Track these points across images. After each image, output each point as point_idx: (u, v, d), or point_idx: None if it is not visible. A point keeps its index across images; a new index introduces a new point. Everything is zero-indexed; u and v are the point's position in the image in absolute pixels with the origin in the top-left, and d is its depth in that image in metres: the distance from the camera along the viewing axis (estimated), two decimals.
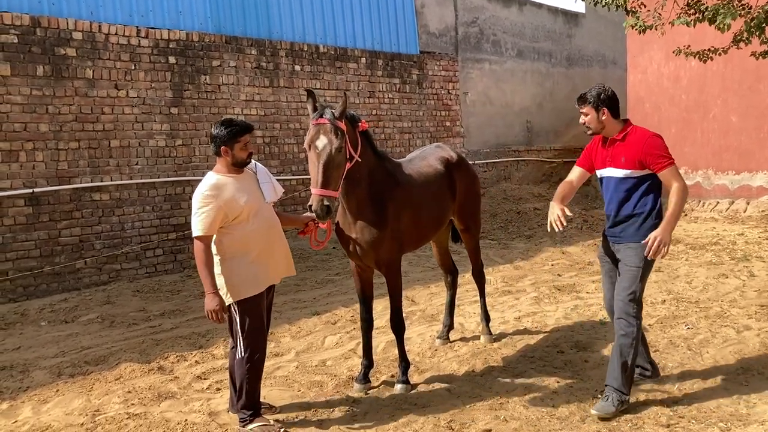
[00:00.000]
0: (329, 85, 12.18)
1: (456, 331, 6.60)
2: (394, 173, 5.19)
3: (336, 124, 4.49)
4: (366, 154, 4.92)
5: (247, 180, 4.55)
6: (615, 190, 4.65)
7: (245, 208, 4.41)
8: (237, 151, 4.42)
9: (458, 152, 6.13)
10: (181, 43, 10.11)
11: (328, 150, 4.43)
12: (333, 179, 4.45)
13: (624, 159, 4.58)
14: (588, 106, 4.64)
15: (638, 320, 4.59)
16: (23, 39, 8.56)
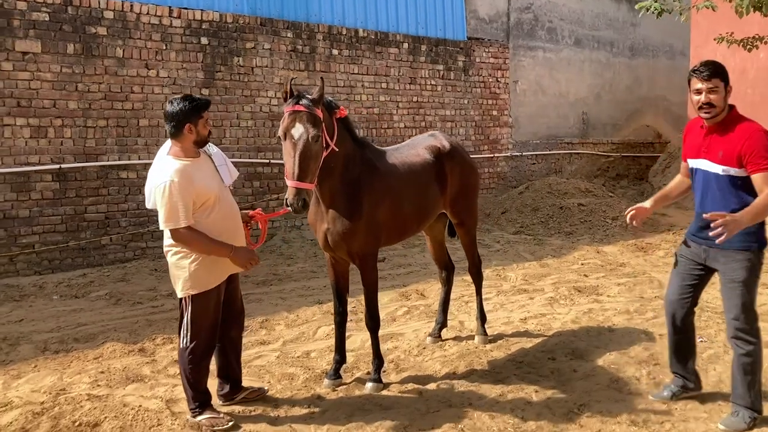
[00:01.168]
0: (368, 70, 11.96)
1: (453, 329, 6.32)
2: (374, 162, 4.94)
3: (313, 111, 4.27)
4: (344, 142, 4.69)
5: (206, 164, 4.38)
6: (710, 187, 4.08)
7: (211, 194, 4.25)
8: (200, 128, 4.24)
9: (454, 141, 5.80)
10: (214, 24, 10.09)
11: (305, 139, 4.22)
12: (310, 170, 4.24)
13: (722, 153, 3.98)
14: (717, 79, 3.92)
15: (756, 336, 4.12)
16: (54, 17, 8.70)
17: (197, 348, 4.30)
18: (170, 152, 4.27)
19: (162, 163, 4.21)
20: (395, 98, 12.38)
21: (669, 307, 4.50)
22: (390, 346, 5.90)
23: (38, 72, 8.63)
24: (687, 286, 4.37)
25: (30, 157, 8.65)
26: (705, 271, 4.34)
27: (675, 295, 4.44)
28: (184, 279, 4.24)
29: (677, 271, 4.43)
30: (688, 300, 4.41)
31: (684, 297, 4.40)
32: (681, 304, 4.42)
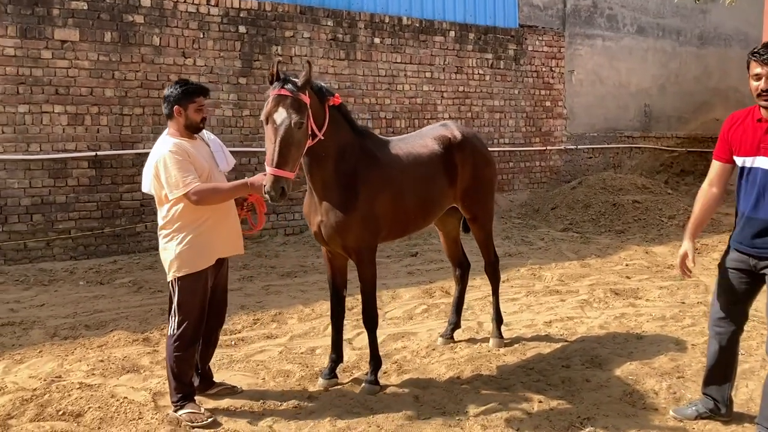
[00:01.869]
0: (411, 59, 11.66)
1: (469, 331, 6.02)
2: (374, 152, 4.69)
3: (298, 96, 4.05)
4: (339, 130, 4.46)
5: (202, 147, 4.35)
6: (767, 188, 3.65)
7: (204, 171, 4.19)
8: (191, 113, 4.22)
9: (467, 132, 5.45)
10: (253, 12, 10.00)
11: (287, 125, 4.00)
12: (291, 158, 4.01)
13: None
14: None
15: None
16: (92, 5, 8.78)
17: (183, 335, 4.20)
18: (167, 133, 4.29)
19: (158, 143, 4.24)
20: (440, 88, 12.04)
21: (714, 326, 4.06)
22: (398, 346, 5.65)
23: (76, 60, 8.73)
24: (734, 301, 3.93)
25: (67, 144, 8.77)
26: (754, 281, 3.88)
27: (721, 312, 4.00)
28: (171, 260, 4.18)
29: (722, 284, 3.97)
30: (736, 317, 3.97)
31: (731, 314, 3.96)
32: (728, 321, 3.99)
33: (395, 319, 6.44)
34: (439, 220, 5.64)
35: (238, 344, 5.72)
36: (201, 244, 4.18)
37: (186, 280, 4.18)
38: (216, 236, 4.27)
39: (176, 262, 4.18)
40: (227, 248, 4.40)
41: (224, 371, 5.05)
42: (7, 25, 8.23)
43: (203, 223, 4.18)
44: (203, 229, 4.18)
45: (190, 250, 4.15)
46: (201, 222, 4.18)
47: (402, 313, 6.62)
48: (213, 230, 4.23)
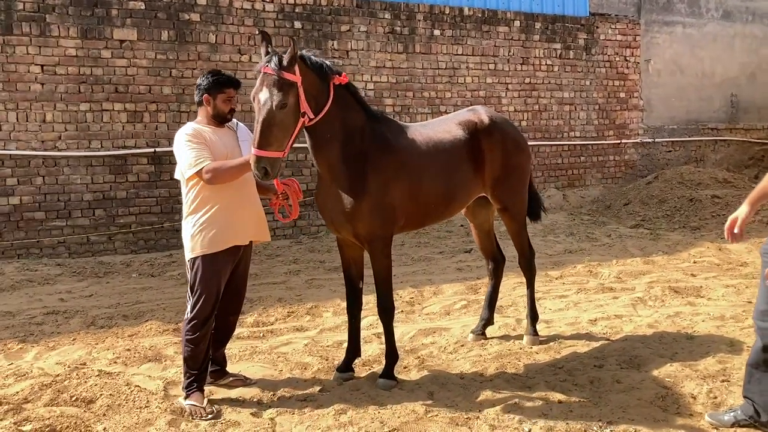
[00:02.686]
0: (473, 51, 11.36)
1: (506, 327, 5.74)
2: (388, 137, 4.50)
3: (282, 75, 3.92)
4: (347, 111, 4.30)
5: (227, 135, 4.37)
6: None
7: (220, 157, 4.19)
8: (219, 102, 4.28)
9: (496, 116, 5.16)
10: (308, 7, 10.00)
11: (269, 106, 3.90)
12: (275, 139, 3.91)
13: None
14: None
15: None
16: (150, 5, 9.01)
17: (196, 317, 4.22)
18: (195, 120, 4.38)
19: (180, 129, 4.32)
20: (504, 80, 11.68)
21: (758, 320, 3.68)
22: (427, 341, 5.43)
23: (134, 59, 8.98)
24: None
25: (127, 141, 9.03)
26: None
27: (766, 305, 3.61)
28: (191, 238, 4.23)
29: None
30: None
31: None
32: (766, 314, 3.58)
33: (431, 315, 6.23)
34: (468, 211, 5.40)
35: (265, 336, 5.66)
36: (217, 226, 4.20)
37: (201, 261, 4.21)
38: (233, 221, 4.25)
39: (191, 242, 4.24)
40: (246, 234, 4.37)
41: (244, 362, 5.00)
42: (68, 27, 8.56)
43: (220, 205, 4.20)
44: (218, 211, 4.20)
45: (206, 232, 4.19)
46: (218, 204, 4.20)
47: (440, 308, 6.39)
48: (230, 214, 4.22)
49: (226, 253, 4.27)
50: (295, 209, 4.44)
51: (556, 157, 12.33)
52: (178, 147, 4.21)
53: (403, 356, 5.05)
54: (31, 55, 8.42)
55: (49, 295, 6.92)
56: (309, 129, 4.21)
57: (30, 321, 6.04)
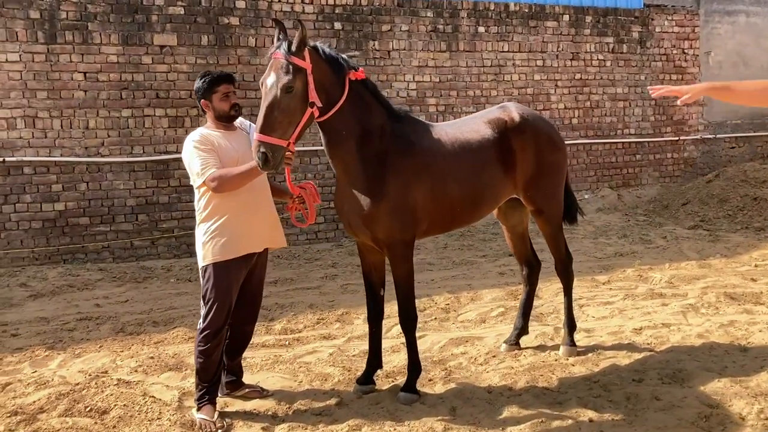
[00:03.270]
0: (520, 47, 10.99)
1: (543, 336, 5.43)
2: (410, 137, 4.28)
3: (291, 59, 3.77)
4: (365, 109, 4.13)
5: (238, 137, 4.24)
6: None
7: (230, 161, 4.07)
8: (216, 103, 4.16)
9: (528, 113, 4.85)
10: (348, 8, 9.85)
11: (275, 90, 3.77)
12: (278, 124, 3.76)
13: None
14: None
15: None
16: (189, 10, 9.02)
17: (208, 327, 4.11)
18: (203, 126, 4.28)
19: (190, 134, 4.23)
20: (553, 77, 11.26)
21: None
22: (457, 351, 5.18)
23: (175, 64, 9.00)
24: None
25: (168, 146, 9.06)
26: None
27: None
28: (203, 245, 4.14)
29: None
30: None
31: None
32: None
33: (465, 322, 5.96)
34: (501, 213, 5.12)
35: (291, 344, 5.51)
36: (229, 234, 4.09)
37: (212, 269, 4.10)
38: (246, 228, 4.13)
39: (203, 249, 4.14)
40: (260, 241, 4.24)
41: (265, 372, 4.86)
42: (110, 34, 8.64)
43: (231, 213, 4.09)
44: (230, 218, 4.09)
45: (218, 239, 4.08)
46: (229, 212, 4.09)
47: (475, 315, 6.12)
48: (243, 221, 4.11)
49: (239, 260, 4.15)
50: (312, 214, 4.28)
51: (610, 155, 11.83)
52: (185, 154, 4.12)
53: (429, 367, 4.83)
54: (74, 63, 8.52)
55: (86, 300, 6.96)
56: (322, 125, 4.05)
57: (62, 327, 6.05)
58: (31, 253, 8.47)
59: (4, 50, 8.20)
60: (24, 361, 5.21)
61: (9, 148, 8.32)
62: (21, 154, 8.37)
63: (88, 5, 8.52)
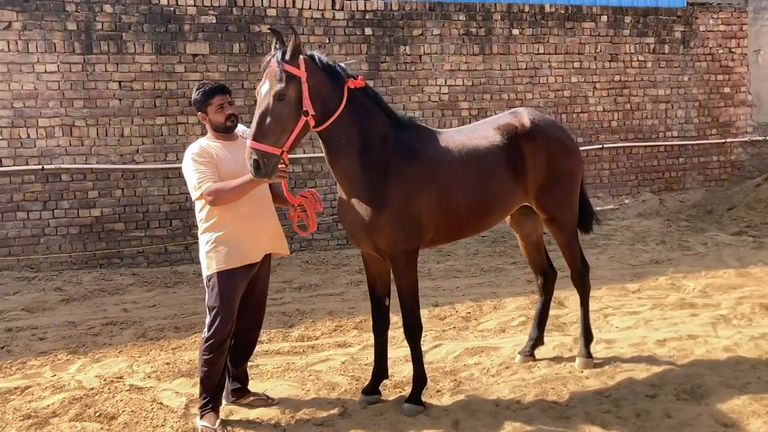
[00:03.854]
0: (556, 49, 10.78)
1: (562, 347, 5.28)
2: (414, 145, 4.22)
3: (284, 68, 3.78)
4: (366, 117, 4.09)
5: (239, 147, 4.20)
6: None
7: (230, 173, 4.09)
8: (212, 114, 4.19)
9: (539, 118, 4.71)
10: (378, 13, 9.83)
11: (268, 97, 3.79)
12: (271, 132, 3.76)
13: None
14: None
15: None
16: (221, 18, 9.14)
17: (212, 336, 4.12)
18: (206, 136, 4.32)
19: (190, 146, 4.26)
20: (591, 78, 11.01)
21: None
22: (471, 362, 5.08)
23: (207, 72, 9.13)
24: None
25: None
26: None
27: None
28: (209, 255, 4.15)
29: None
30: None
31: None
32: None
33: (484, 332, 5.85)
34: (514, 221, 5.01)
35: (305, 352, 5.50)
36: (230, 243, 4.11)
37: (216, 279, 4.12)
38: (247, 236, 4.15)
39: (206, 259, 4.17)
40: (262, 249, 4.25)
41: (274, 379, 4.86)
42: (143, 43, 8.82)
43: (232, 222, 4.11)
44: (232, 227, 4.11)
45: (220, 248, 4.11)
46: (230, 221, 4.11)
47: (495, 324, 6.00)
48: (244, 231, 4.13)
49: (242, 269, 4.17)
50: (313, 221, 4.26)
51: (651, 158, 11.49)
52: (184, 167, 4.15)
53: (439, 378, 4.76)
54: (110, 72, 8.74)
55: (115, 305, 7.10)
56: (321, 135, 4.04)
57: (88, 332, 6.19)
58: (69, 257, 8.71)
59: (43, 61, 8.47)
60: (46, 364, 5.35)
61: (48, 156, 8.58)
62: (59, 161, 8.62)
63: (123, 16, 8.72)
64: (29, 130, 8.49)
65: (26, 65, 8.40)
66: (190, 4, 8.98)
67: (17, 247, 8.54)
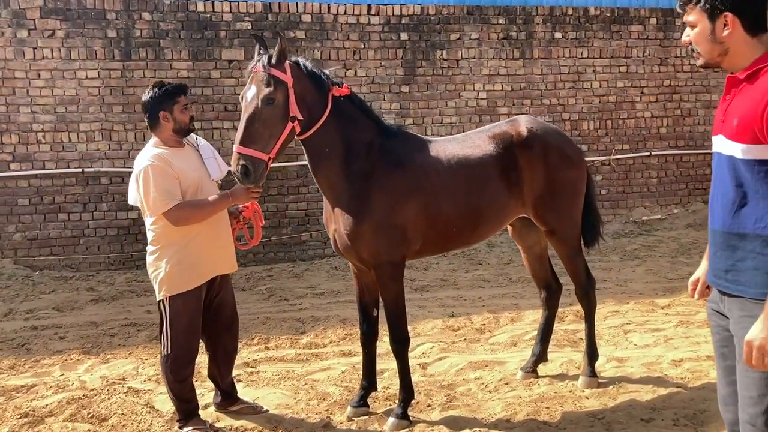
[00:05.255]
0: (601, 53, 10.45)
1: (570, 364, 5.08)
2: (400, 154, 4.14)
3: (270, 72, 3.75)
4: (351, 125, 4.05)
5: (190, 155, 4.13)
6: (721, 180, 2.43)
7: (191, 183, 3.98)
8: (177, 114, 4.00)
9: (536, 127, 4.51)
10: (415, 18, 9.75)
11: (255, 101, 3.74)
12: (258, 137, 3.72)
13: (737, 120, 2.31)
14: (694, 6, 2.37)
15: None
16: (256, 25, 9.25)
17: (177, 357, 4.03)
18: (152, 143, 4.09)
19: (140, 154, 4.04)
20: (639, 83, 10.61)
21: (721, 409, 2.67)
22: (472, 376, 4.94)
23: (242, 78, 9.16)
24: (728, 367, 2.54)
25: None
26: None
27: (720, 387, 2.62)
28: (161, 280, 4.00)
29: (715, 347, 2.64)
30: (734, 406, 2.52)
31: (730, 387, 2.54)
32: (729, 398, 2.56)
33: (495, 345, 5.69)
34: (516, 233, 4.85)
35: (309, 359, 5.47)
36: (191, 261, 3.95)
37: (177, 300, 3.97)
38: (207, 253, 4.01)
39: (166, 281, 3.97)
40: (221, 265, 4.15)
41: (269, 387, 4.85)
42: (180, 50, 9.01)
43: (192, 239, 3.95)
44: (193, 245, 3.95)
45: (180, 269, 3.94)
46: (190, 238, 3.94)
47: (508, 338, 5.83)
48: (204, 246, 3.99)
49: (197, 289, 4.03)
50: (257, 235, 4.24)
51: (703, 167, 10.97)
52: (142, 180, 3.87)
53: (434, 392, 4.65)
54: (147, 78, 8.93)
55: (140, 306, 7.25)
56: (305, 143, 4.00)
57: (106, 332, 6.33)
58: (107, 258, 8.97)
59: (85, 68, 8.75)
60: (57, 364, 5.49)
61: (88, 159, 8.87)
62: (98, 165, 8.89)
63: (161, 23, 8.94)
64: (71, 134, 8.79)
65: (68, 72, 8.71)
66: (226, 10, 9.12)
67: (58, 248, 8.85)
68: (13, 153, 8.65)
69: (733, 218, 2.34)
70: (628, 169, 10.69)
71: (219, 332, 4.27)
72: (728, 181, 2.35)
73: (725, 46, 2.33)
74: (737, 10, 2.29)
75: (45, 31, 8.61)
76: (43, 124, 8.70)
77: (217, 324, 4.25)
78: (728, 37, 2.31)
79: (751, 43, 2.32)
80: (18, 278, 8.28)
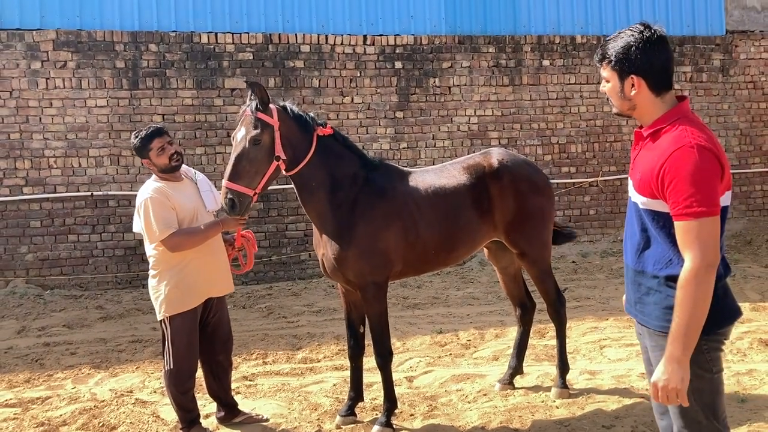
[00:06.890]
0: (587, 79, 10.91)
1: (546, 376, 5.45)
2: (382, 185, 4.57)
3: (257, 116, 4.19)
4: (335, 160, 4.47)
5: (187, 187, 4.54)
6: (631, 222, 2.75)
7: (188, 214, 4.39)
8: (155, 158, 4.38)
9: (508, 159, 4.94)
10: (409, 47, 10.22)
11: (243, 141, 4.18)
12: (245, 173, 4.14)
13: (639, 175, 2.62)
14: (607, 65, 2.68)
15: None
16: (257, 55, 9.73)
17: (178, 371, 4.42)
18: (153, 178, 4.53)
19: (143, 187, 4.48)
20: None
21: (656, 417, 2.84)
22: (454, 388, 5.33)
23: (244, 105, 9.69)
24: None
25: None
26: None
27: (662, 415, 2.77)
28: (161, 301, 4.41)
29: (643, 359, 2.88)
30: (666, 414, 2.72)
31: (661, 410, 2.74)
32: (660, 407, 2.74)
33: (478, 359, 6.07)
34: (492, 255, 5.27)
35: (303, 373, 5.86)
36: (188, 284, 4.35)
37: (176, 320, 4.37)
38: (203, 276, 4.41)
39: (166, 302, 4.36)
40: (216, 287, 4.56)
41: (266, 399, 5.23)
42: (185, 79, 9.49)
43: (189, 263, 4.34)
44: (189, 269, 4.34)
45: (178, 291, 4.34)
46: (187, 262, 4.34)
47: (491, 353, 6.21)
48: (199, 270, 4.38)
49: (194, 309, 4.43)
50: (250, 261, 4.65)
51: None
52: (143, 211, 4.25)
53: (418, 402, 5.02)
54: (154, 106, 9.43)
55: (146, 324, 7.65)
56: (293, 178, 4.41)
57: (114, 348, 6.73)
58: (114, 277, 9.40)
59: (94, 96, 9.24)
60: (69, 377, 5.89)
61: (97, 183, 9.32)
62: (107, 188, 9.35)
63: (166, 54, 9.42)
64: (81, 159, 9.25)
65: (79, 100, 9.19)
66: (229, 41, 9.61)
67: (68, 267, 9.28)
68: (26, 177, 9.12)
69: (638, 258, 2.68)
70: (616, 190, 11.09)
71: (216, 350, 4.66)
72: (635, 224, 2.70)
73: (633, 103, 2.63)
74: (642, 73, 2.57)
75: (57, 62, 9.10)
76: (55, 150, 9.17)
77: (214, 343, 4.64)
78: (636, 96, 2.61)
79: (655, 102, 2.60)
80: (30, 297, 8.70)
